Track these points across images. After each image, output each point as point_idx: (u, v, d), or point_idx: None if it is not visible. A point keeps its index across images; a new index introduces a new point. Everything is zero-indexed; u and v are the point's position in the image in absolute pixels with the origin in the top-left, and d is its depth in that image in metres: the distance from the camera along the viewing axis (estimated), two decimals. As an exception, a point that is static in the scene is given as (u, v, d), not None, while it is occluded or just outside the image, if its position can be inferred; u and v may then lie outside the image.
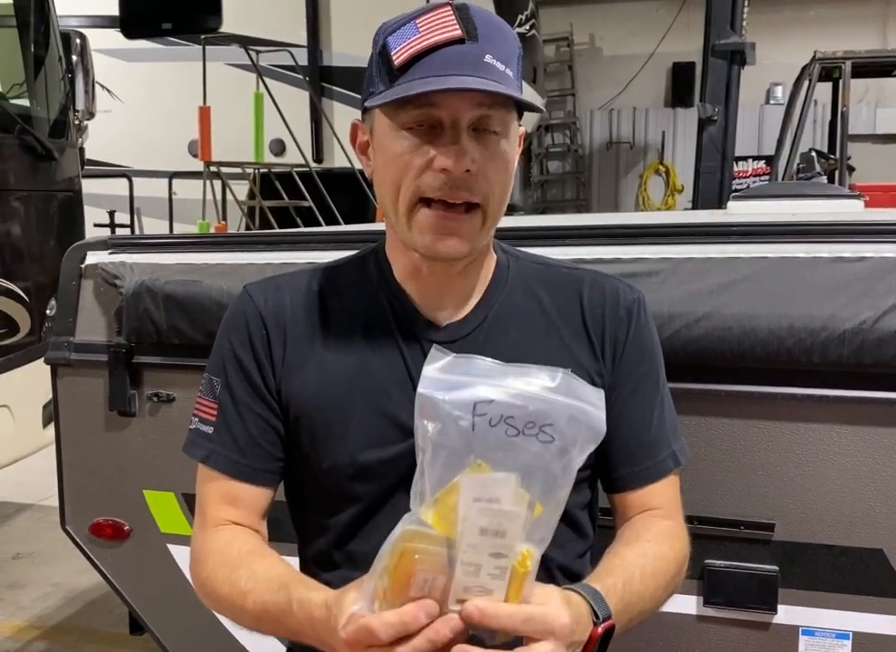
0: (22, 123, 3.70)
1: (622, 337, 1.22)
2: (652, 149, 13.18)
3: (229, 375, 1.21)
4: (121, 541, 2.12)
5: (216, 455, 1.21)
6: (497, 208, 1.12)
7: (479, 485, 0.81)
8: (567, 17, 12.97)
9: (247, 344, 1.20)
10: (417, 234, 1.10)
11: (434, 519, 0.84)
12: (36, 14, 4.14)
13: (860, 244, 1.62)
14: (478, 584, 0.82)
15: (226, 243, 2.11)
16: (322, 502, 1.21)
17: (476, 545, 0.81)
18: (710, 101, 6.39)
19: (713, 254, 1.68)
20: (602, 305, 1.22)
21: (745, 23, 6.53)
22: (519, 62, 1.11)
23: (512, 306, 1.21)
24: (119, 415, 2.06)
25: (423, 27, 1.05)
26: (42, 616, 3.46)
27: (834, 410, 1.61)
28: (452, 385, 0.88)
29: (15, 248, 3.63)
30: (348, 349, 1.18)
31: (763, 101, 12.51)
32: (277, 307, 1.21)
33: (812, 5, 12.28)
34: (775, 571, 1.66)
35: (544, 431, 0.87)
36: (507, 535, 0.81)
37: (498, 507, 0.81)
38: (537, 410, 0.87)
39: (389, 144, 1.10)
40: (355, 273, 1.25)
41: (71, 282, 2.09)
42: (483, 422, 0.86)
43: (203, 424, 1.23)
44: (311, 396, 1.17)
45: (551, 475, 0.86)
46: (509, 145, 1.12)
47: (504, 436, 0.86)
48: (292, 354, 1.19)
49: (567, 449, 0.87)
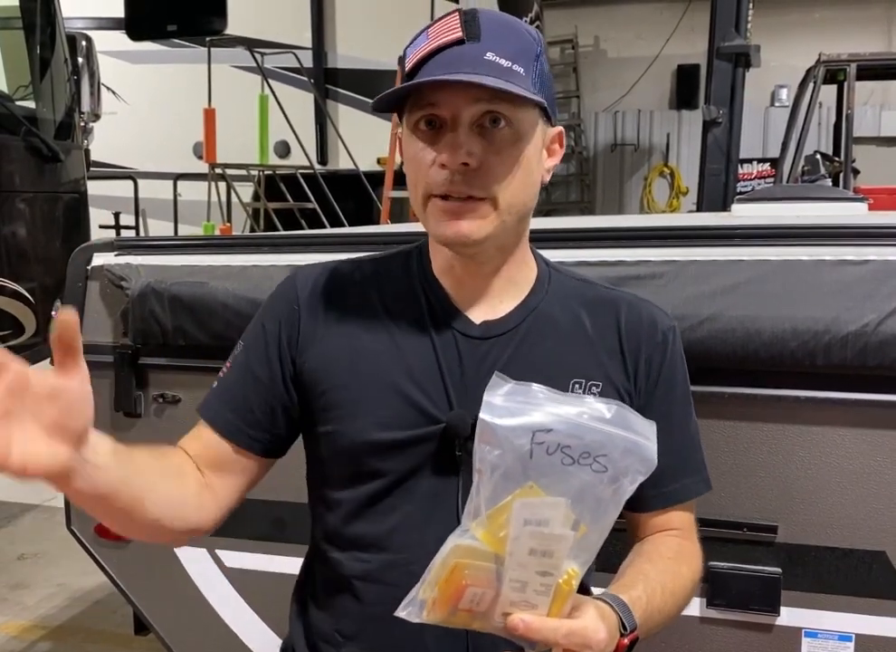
0: (28, 125, 3.72)
1: (657, 360, 1.24)
2: (657, 152, 13.17)
3: (249, 342, 1.27)
4: (127, 541, 2.12)
5: (208, 407, 1.27)
6: (511, 201, 1.13)
7: (529, 508, 0.86)
8: (571, 19, 12.97)
9: (277, 320, 1.25)
10: (432, 224, 1.15)
11: (485, 536, 0.89)
12: (42, 17, 4.16)
13: (863, 248, 1.62)
14: (523, 599, 0.87)
15: (232, 245, 2.12)
16: (337, 478, 1.23)
17: (525, 564, 0.86)
18: (714, 104, 6.38)
19: (717, 256, 1.68)
20: (639, 328, 1.24)
21: (750, 25, 6.53)
22: (537, 60, 1.13)
23: (551, 315, 1.23)
24: (125, 416, 2.07)
25: (431, 34, 1.11)
26: (46, 616, 3.48)
27: (837, 413, 1.61)
28: (512, 412, 0.91)
29: (21, 249, 3.64)
30: (382, 333, 1.22)
31: (768, 104, 12.50)
32: (315, 287, 1.26)
33: (817, 8, 12.27)
34: (778, 573, 1.67)
35: (598, 461, 0.90)
36: (554, 556, 0.86)
37: (548, 531, 0.86)
38: (593, 441, 0.90)
39: (407, 145, 1.16)
40: (399, 265, 1.29)
41: (77, 283, 2.10)
42: (541, 450, 0.90)
43: (216, 382, 1.29)
44: (339, 371, 1.20)
45: (601, 503, 0.90)
46: (524, 139, 1.13)
47: (560, 465, 0.90)
48: (323, 330, 1.23)
49: (619, 479, 0.91)
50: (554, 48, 12.84)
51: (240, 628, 2.02)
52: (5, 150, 3.59)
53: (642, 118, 13.17)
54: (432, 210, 1.13)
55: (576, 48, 13.21)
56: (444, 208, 1.12)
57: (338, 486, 1.23)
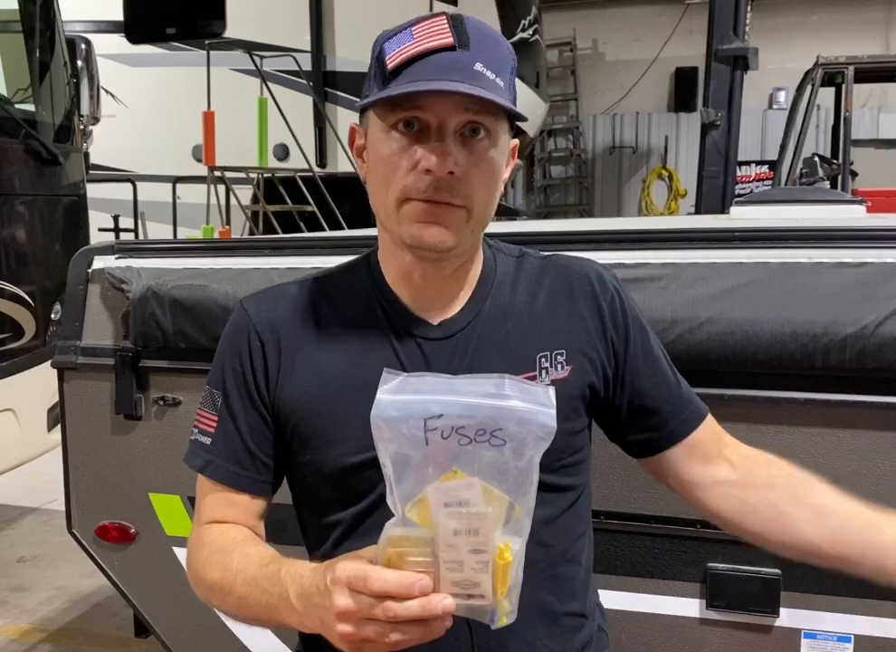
0: (27, 128, 3.72)
1: (616, 307, 1.26)
2: (656, 154, 13.19)
3: (228, 388, 1.24)
4: (127, 543, 2.13)
5: (215, 466, 1.24)
6: (481, 212, 1.14)
7: (444, 492, 0.87)
8: (570, 22, 13.00)
9: (245, 357, 1.23)
10: (405, 226, 1.13)
11: (421, 519, 0.89)
12: (42, 20, 4.16)
13: (861, 250, 1.63)
14: (464, 578, 0.88)
15: (232, 248, 2.12)
16: (326, 503, 1.22)
17: (453, 545, 0.87)
18: (713, 106, 6.39)
19: (716, 259, 1.69)
20: (590, 285, 1.26)
21: (748, 27, 6.54)
22: (512, 73, 1.14)
23: (503, 299, 1.24)
24: (126, 418, 2.07)
25: (417, 34, 1.09)
26: (46, 619, 3.48)
27: (836, 414, 1.62)
28: (403, 404, 0.92)
29: (20, 252, 3.64)
30: (343, 353, 1.20)
31: (766, 106, 12.52)
32: (271, 318, 1.24)
33: (815, 10, 12.30)
34: (777, 574, 1.67)
35: (495, 436, 0.90)
36: (480, 533, 0.87)
37: (465, 510, 0.87)
38: (485, 417, 0.91)
39: (380, 145, 1.13)
40: (346, 281, 1.28)
41: (78, 286, 2.10)
42: (435, 435, 0.90)
43: (202, 435, 1.26)
44: (309, 400, 1.19)
45: (511, 475, 0.91)
46: (498, 153, 1.14)
47: (457, 446, 0.90)
48: (287, 362, 1.21)
49: (521, 449, 0.91)
50: (552, 51, 12.86)
51: (240, 630, 2.03)
52: (5, 153, 3.59)
53: (640, 120, 13.19)
54: (408, 212, 1.12)
55: (575, 51, 13.24)
56: (427, 211, 1.11)
57: (327, 511, 1.22)
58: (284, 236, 3.25)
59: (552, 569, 1.21)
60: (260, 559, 1.10)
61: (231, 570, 1.12)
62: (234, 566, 1.11)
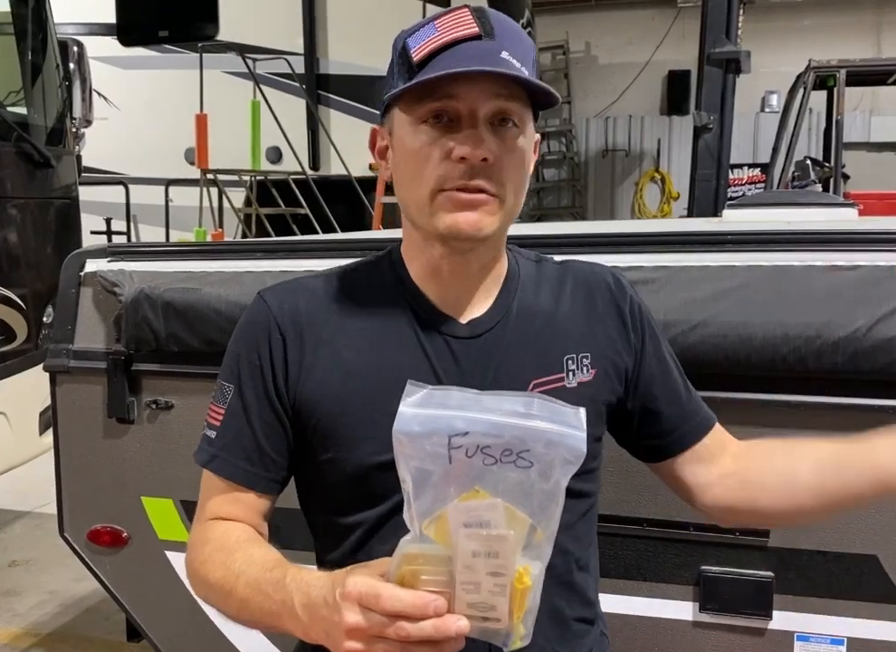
0: (19, 131, 3.71)
1: (636, 312, 1.27)
2: (648, 157, 13.22)
3: (243, 381, 1.20)
4: (119, 547, 2.12)
5: (221, 461, 1.21)
6: (511, 202, 1.13)
7: (465, 512, 0.84)
8: (562, 25, 13.02)
9: (264, 351, 1.19)
10: (441, 216, 1.11)
11: (437, 534, 0.86)
12: (34, 22, 4.15)
13: (854, 253, 1.63)
14: (480, 601, 0.85)
15: (225, 251, 2.11)
16: (347, 503, 1.19)
17: (471, 566, 0.84)
18: (705, 109, 6.41)
19: (708, 262, 1.69)
20: (609, 290, 1.27)
21: (740, 31, 6.56)
22: (534, 64, 1.13)
23: (528, 300, 1.23)
24: (118, 422, 2.07)
25: (440, 27, 1.08)
26: (38, 623, 3.46)
27: (829, 417, 1.62)
28: (427, 419, 0.88)
29: (12, 255, 3.63)
30: (369, 349, 1.18)
31: (758, 109, 12.56)
32: (292, 311, 1.20)
33: (807, 14, 12.35)
34: (770, 577, 1.67)
35: (521, 457, 0.87)
36: (500, 556, 0.84)
37: (486, 532, 0.83)
38: (513, 437, 0.88)
39: (409, 139, 1.12)
40: (369, 276, 1.25)
41: (70, 289, 2.10)
42: (459, 454, 0.87)
43: (210, 429, 1.22)
44: (333, 396, 1.16)
45: (537, 498, 0.88)
46: (527, 142, 1.13)
47: (481, 465, 0.87)
48: (309, 357, 1.18)
49: (548, 472, 0.88)
50: (545, 54, 12.89)
51: (233, 635, 2.02)
52: (-3, 156, 3.59)
53: (633, 123, 13.22)
54: (443, 202, 1.10)
55: (568, 54, 13.26)
56: (462, 199, 1.09)
57: (348, 511, 1.19)
58: (277, 239, 3.24)
59: (567, 575, 1.20)
60: (264, 562, 1.07)
61: (233, 570, 1.09)
62: (237, 567, 1.09)
